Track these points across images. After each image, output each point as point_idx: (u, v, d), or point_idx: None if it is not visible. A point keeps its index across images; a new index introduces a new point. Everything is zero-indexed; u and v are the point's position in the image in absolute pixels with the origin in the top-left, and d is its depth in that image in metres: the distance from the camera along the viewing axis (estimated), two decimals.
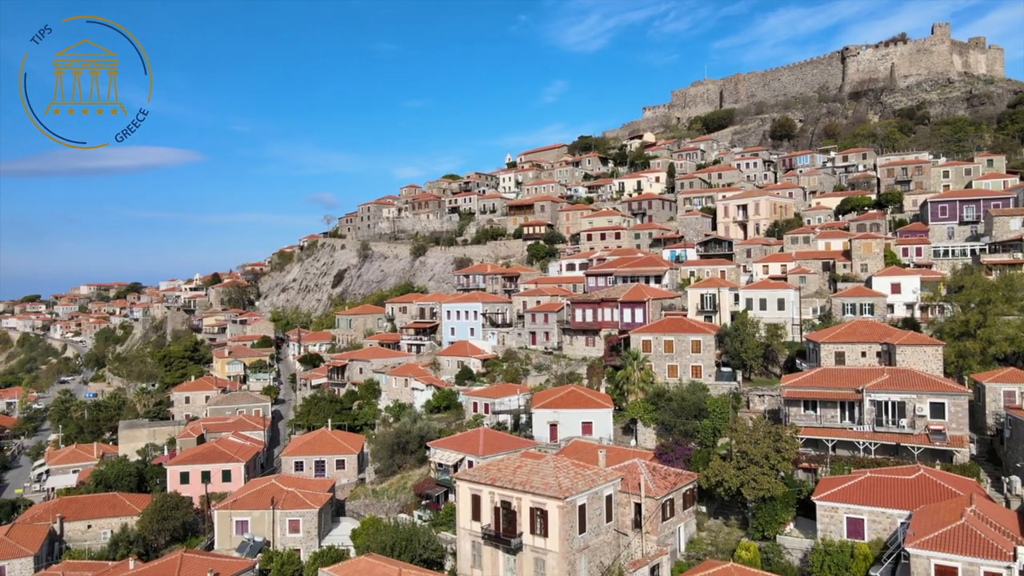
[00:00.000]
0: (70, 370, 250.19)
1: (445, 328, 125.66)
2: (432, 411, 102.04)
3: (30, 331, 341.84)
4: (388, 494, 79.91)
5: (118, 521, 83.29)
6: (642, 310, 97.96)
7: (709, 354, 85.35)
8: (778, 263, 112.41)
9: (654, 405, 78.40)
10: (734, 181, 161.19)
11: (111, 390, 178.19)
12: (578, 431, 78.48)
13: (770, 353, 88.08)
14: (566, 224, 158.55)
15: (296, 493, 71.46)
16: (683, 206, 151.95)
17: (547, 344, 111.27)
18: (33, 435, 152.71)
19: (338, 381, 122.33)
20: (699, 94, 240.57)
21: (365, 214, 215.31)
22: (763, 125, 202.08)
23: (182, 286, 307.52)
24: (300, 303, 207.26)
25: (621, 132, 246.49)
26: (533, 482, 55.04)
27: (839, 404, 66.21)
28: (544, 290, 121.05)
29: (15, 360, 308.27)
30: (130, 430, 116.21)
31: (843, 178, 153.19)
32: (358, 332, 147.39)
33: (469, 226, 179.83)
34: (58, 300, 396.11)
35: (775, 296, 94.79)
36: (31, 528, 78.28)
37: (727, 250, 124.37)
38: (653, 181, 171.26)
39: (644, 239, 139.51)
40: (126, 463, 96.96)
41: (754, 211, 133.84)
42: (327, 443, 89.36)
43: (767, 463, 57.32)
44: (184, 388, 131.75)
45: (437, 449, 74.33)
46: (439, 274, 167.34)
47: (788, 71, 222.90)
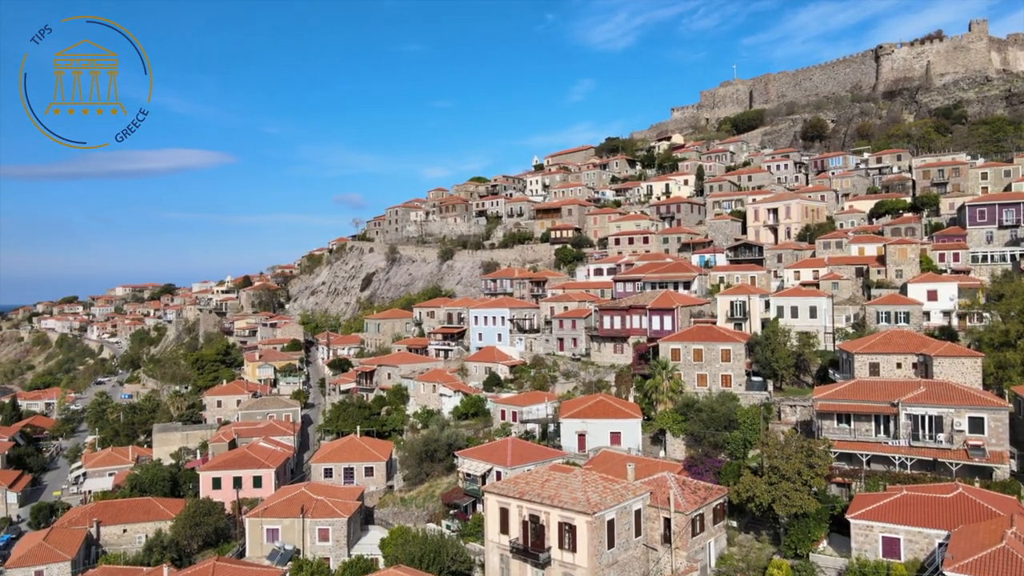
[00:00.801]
0: (106, 371, 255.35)
1: (473, 333, 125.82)
2: (460, 417, 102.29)
3: (68, 332, 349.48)
4: (416, 502, 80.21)
5: (152, 526, 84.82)
6: (671, 317, 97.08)
7: (739, 363, 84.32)
8: (810, 269, 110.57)
9: (683, 416, 77.62)
10: (764, 184, 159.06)
11: (146, 392, 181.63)
12: (606, 441, 78.03)
13: (802, 362, 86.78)
14: (594, 228, 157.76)
15: (326, 502, 72.05)
16: (712, 209, 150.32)
17: (575, 350, 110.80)
18: (71, 436, 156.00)
19: (366, 386, 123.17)
20: (728, 94, 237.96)
21: (393, 217, 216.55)
22: (794, 126, 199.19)
23: (214, 288, 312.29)
24: (329, 306, 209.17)
25: (649, 133, 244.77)
26: (561, 496, 54.80)
27: (873, 417, 64.96)
28: (572, 295, 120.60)
29: (53, 360, 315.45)
30: (164, 433, 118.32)
31: (877, 180, 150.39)
32: (386, 336, 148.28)
33: (496, 229, 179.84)
34: (95, 301, 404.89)
35: (807, 304, 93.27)
36: (69, 532, 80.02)
37: (757, 255, 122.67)
38: (682, 184, 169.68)
39: (672, 243, 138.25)
40: (160, 467, 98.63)
41: (785, 215, 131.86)
42: (356, 450, 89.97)
43: (799, 479, 56.41)
44: (216, 392, 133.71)
45: (465, 459, 74.41)
46: (466, 278, 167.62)
47: (820, 70, 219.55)
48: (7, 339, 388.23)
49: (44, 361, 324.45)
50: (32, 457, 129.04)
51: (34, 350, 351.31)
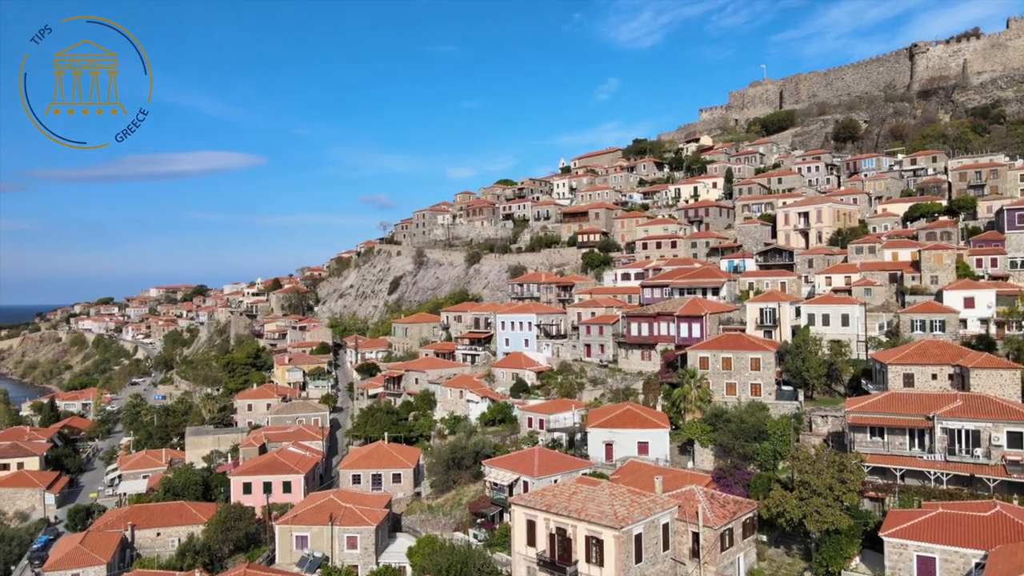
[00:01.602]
0: (140, 372, 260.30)
1: (500, 338, 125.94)
2: (487, 424, 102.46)
3: (104, 333, 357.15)
4: (443, 510, 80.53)
5: (185, 530, 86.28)
6: (699, 325, 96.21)
7: (769, 372, 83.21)
8: (842, 274, 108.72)
9: (712, 426, 76.84)
10: (795, 186, 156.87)
11: (179, 393, 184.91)
12: (634, 451, 77.60)
13: (833, 371, 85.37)
14: (621, 232, 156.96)
15: (354, 509, 72.65)
16: (741, 213, 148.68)
17: (602, 357, 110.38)
18: (106, 437, 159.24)
19: (394, 391, 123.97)
20: (758, 95, 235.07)
21: (420, 221, 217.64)
22: (825, 127, 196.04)
23: (244, 290, 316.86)
24: (357, 309, 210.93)
25: (677, 135, 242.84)
26: (588, 510, 54.59)
27: (908, 431, 63.69)
28: (599, 301, 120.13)
29: (90, 361, 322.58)
30: (196, 436, 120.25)
31: (911, 183, 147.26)
32: (414, 340, 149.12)
33: (523, 233, 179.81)
34: (129, 302, 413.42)
35: (839, 311, 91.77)
36: (104, 536, 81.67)
37: (787, 260, 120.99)
38: (710, 187, 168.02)
39: (701, 248, 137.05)
40: (192, 471, 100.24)
41: (816, 218, 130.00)
42: (384, 457, 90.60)
43: (831, 494, 55.51)
44: (247, 396, 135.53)
45: (492, 468, 74.50)
46: (493, 282, 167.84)
47: (852, 69, 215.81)
48: (46, 339, 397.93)
49: (81, 361, 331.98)
50: (69, 458, 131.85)
51: (72, 350, 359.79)
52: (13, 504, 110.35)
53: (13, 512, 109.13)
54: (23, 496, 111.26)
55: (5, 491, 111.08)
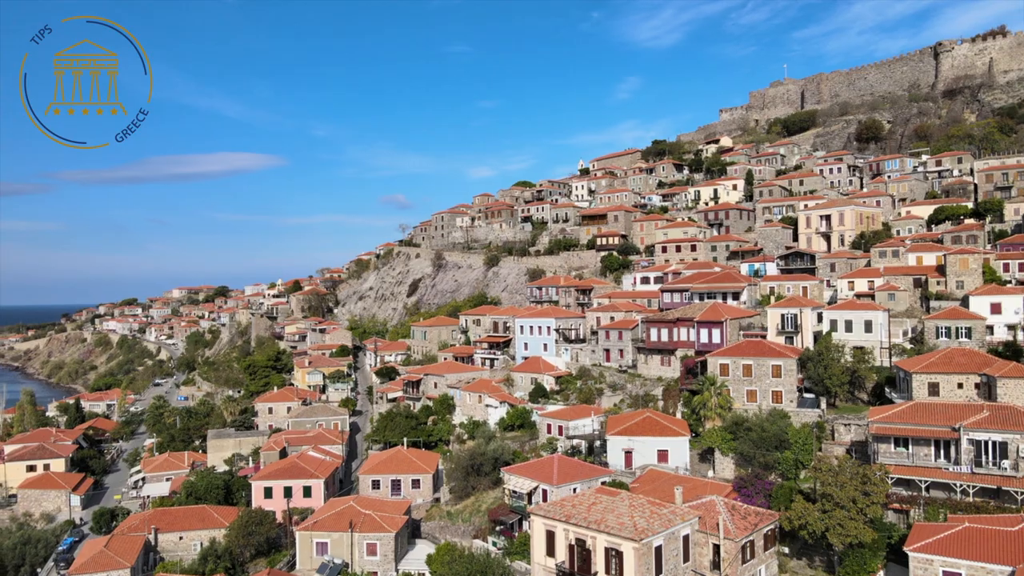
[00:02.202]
0: (163, 372, 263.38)
1: (518, 343, 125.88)
2: (506, 429, 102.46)
3: (128, 333, 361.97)
4: (462, 517, 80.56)
5: (207, 534, 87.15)
6: (719, 330, 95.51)
7: (790, 379, 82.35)
8: (865, 279, 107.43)
9: (732, 434, 76.21)
10: (816, 188, 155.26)
11: (201, 395, 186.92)
12: (654, 459, 77.14)
13: (856, 379, 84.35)
14: (640, 235, 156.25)
15: (373, 516, 72.95)
16: (762, 216, 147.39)
17: (621, 362, 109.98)
18: (130, 438, 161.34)
19: (413, 395, 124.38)
20: (779, 95, 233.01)
21: (439, 223, 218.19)
22: (848, 127, 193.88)
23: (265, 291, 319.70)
24: (376, 311, 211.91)
25: (697, 136, 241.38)
26: (608, 521, 54.31)
27: (933, 442, 62.73)
28: (618, 305, 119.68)
29: (114, 361, 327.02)
30: (218, 439, 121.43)
31: (936, 184, 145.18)
32: (432, 344, 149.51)
33: (542, 236, 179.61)
34: (152, 303, 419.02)
35: (862, 318, 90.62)
36: (128, 539, 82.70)
37: (809, 264, 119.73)
38: (730, 189, 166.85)
39: (721, 251, 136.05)
40: (214, 475, 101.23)
41: (838, 221, 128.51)
42: (403, 462, 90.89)
43: (854, 507, 54.83)
44: (267, 399, 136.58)
45: (511, 476, 74.43)
46: (512, 285, 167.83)
47: (875, 69, 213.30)
48: (71, 340, 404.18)
49: (106, 362, 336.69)
50: (95, 460, 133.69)
51: (96, 351, 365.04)
52: (39, 505, 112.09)
53: (39, 513, 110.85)
54: (49, 498, 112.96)
55: (32, 492, 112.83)
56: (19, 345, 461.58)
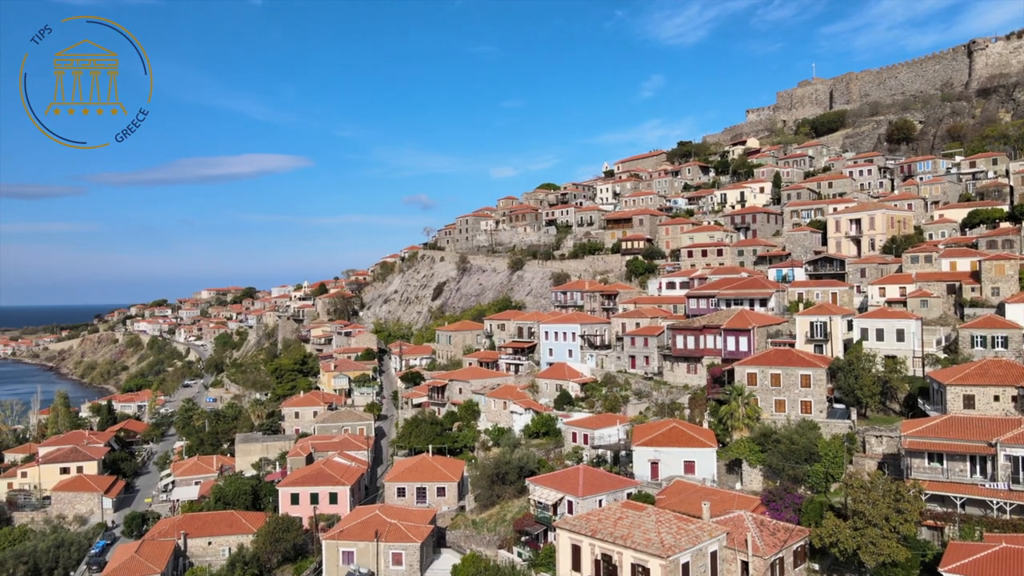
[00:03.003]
0: (192, 374, 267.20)
1: (543, 348, 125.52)
2: (531, 436, 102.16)
3: (158, 334, 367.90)
4: (488, 526, 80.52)
5: (235, 539, 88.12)
6: (746, 338, 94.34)
7: (820, 389, 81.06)
8: (896, 285, 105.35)
9: (760, 446, 75.20)
10: (846, 191, 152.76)
11: (229, 397, 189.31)
12: (680, 470, 76.43)
13: (888, 389, 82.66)
14: (665, 239, 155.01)
15: (399, 526, 73.18)
16: (790, 219, 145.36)
17: (647, 368, 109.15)
18: (160, 440, 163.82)
19: (438, 400, 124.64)
20: (807, 95, 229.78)
21: (463, 226, 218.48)
22: (878, 128, 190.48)
23: (291, 293, 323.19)
24: (401, 315, 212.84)
25: (723, 137, 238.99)
26: (635, 536, 53.88)
27: (968, 457, 61.29)
28: (644, 311, 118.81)
29: (145, 362, 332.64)
30: (245, 444, 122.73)
31: (970, 187, 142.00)
32: (457, 348, 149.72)
33: (566, 239, 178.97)
34: (182, 304, 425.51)
35: (893, 326, 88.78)
36: (158, 545, 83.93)
37: (838, 269, 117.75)
38: (757, 192, 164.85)
39: (748, 256, 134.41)
40: (242, 480, 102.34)
41: (868, 225, 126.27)
42: (428, 470, 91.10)
43: (887, 525, 53.72)
44: (293, 403, 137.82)
45: (537, 486, 74.21)
46: (536, 289, 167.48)
47: (906, 67, 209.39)
48: (104, 341, 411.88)
49: (137, 362, 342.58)
50: (126, 462, 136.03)
51: (128, 351, 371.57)
52: (73, 508, 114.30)
53: (73, 516, 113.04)
54: (82, 500, 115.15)
55: (65, 495, 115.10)
56: (53, 345, 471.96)
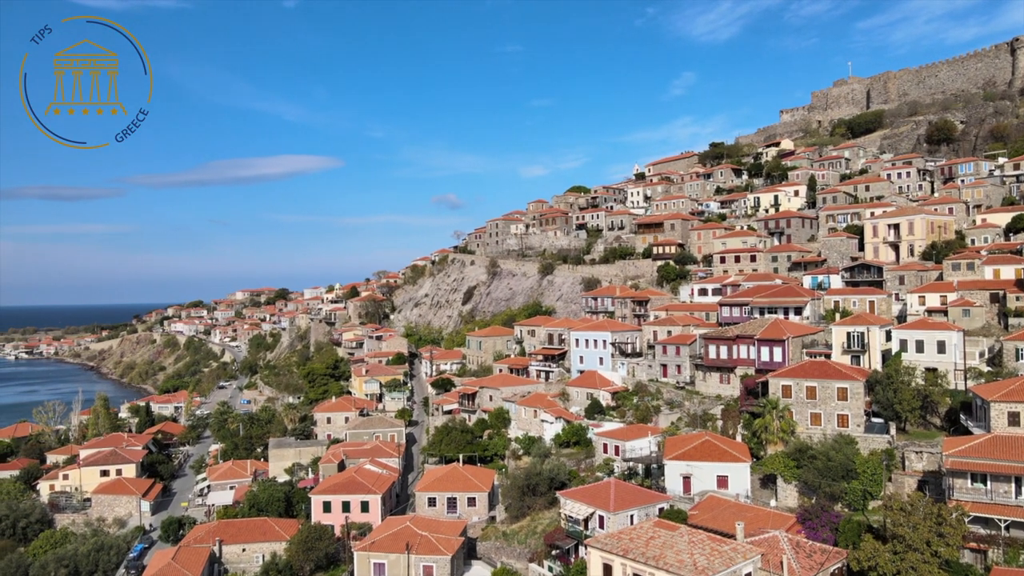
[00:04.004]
0: (227, 375, 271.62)
1: (574, 356, 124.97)
2: (561, 445, 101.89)
3: (194, 335, 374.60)
4: (518, 538, 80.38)
5: (269, 546, 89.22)
6: (781, 349, 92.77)
7: (857, 402, 79.28)
8: (936, 293, 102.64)
9: (795, 461, 73.84)
10: (884, 194, 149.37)
11: (263, 399, 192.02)
12: (713, 485, 75.42)
13: (928, 403, 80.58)
14: (697, 243, 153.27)
15: (429, 538, 73.36)
16: (825, 224, 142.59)
17: (679, 377, 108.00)
18: (196, 443, 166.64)
19: (468, 408, 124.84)
20: (843, 94, 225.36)
21: (493, 230, 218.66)
22: (917, 128, 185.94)
23: (323, 295, 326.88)
24: (432, 319, 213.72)
25: (756, 138, 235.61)
26: (667, 557, 53.22)
27: (1014, 478, 59.40)
28: (675, 319, 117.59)
29: (181, 363, 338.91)
30: (279, 449, 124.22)
31: (1014, 189, 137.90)
32: (487, 354, 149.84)
33: (597, 243, 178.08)
34: (217, 305, 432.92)
35: (934, 338, 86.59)
36: (194, 551, 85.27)
37: (876, 276, 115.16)
38: (791, 195, 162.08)
39: (782, 262, 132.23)
40: (275, 487, 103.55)
41: (908, 230, 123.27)
42: (459, 480, 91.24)
43: (928, 549, 52.34)
44: (325, 408, 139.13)
45: (568, 500, 73.83)
46: (567, 294, 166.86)
47: (947, 66, 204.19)
48: (142, 341, 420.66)
49: (174, 363, 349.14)
50: (163, 465, 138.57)
51: (165, 352, 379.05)
52: (112, 510, 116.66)
53: (112, 518, 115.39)
54: (121, 503, 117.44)
55: (105, 498, 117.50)
56: (94, 345, 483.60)
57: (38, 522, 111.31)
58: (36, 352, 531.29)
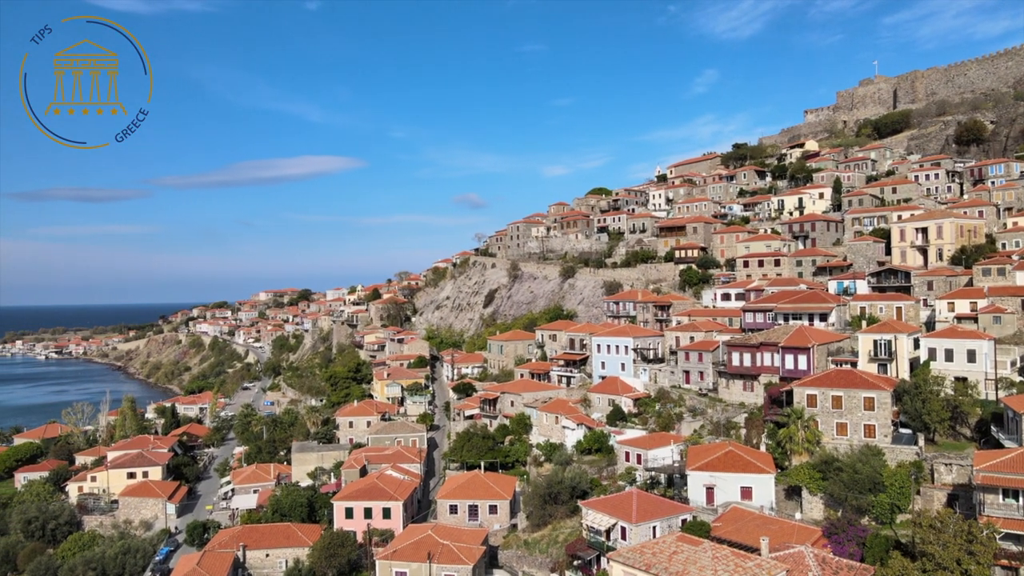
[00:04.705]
0: (251, 376, 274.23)
1: (595, 361, 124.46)
2: (583, 452, 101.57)
3: (219, 336, 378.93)
4: (540, 547, 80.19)
5: (292, 552, 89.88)
6: (806, 356, 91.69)
7: (884, 412, 78.04)
8: (966, 300, 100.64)
9: (821, 473, 72.83)
10: (912, 197, 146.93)
11: (286, 401, 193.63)
12: (736, 496, 74.65)
13: (958, 413, 79.06)
14: (720, 247, 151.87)
15: (451, 547, 73.42)
16: (851, 228, 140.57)
17: (701, 384, 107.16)
18: (221, 444, 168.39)
19: (490, 413, 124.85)
20: (869, 94, 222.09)
21: (514, 233, 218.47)
22: (946, 129, 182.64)
23: (346, 297, 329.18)
24: (453, 321, 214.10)
25: (780, 138, 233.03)
26: (690, 573, 52.69)
27: None
28: (698, 324, 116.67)
29: (206, 363, 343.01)
30: (302, 453, 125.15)
31: None
32: (509, 358, 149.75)
33: (618, 247, 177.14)
34: (241, 306, 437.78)
35: (964, 347, 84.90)
36: (219, 556, 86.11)
37: (904, 282, 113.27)
38: (816, 198, 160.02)
39: (807, 267, 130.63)
40: (298, 492, 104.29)
41: (936, 234, 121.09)
42: (480, 487, 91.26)
43: (958, 568, 51.30)
44: (348, 412, 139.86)
45: (590, 511, 73.49)
46: (588, 298, 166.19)
47: (976, 64, 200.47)
48: (168, 341, 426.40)
49: (199, 363, 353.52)
50: (188, 467, 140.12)
51: (190, 352, 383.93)
52: (139, 513, 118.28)
53: (138, 521, 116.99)
54: (147, 505, 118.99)
55: (132, 500, 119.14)
56: (121, 345, 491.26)
57: (67, 524, 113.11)
58: (65, 352, 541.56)
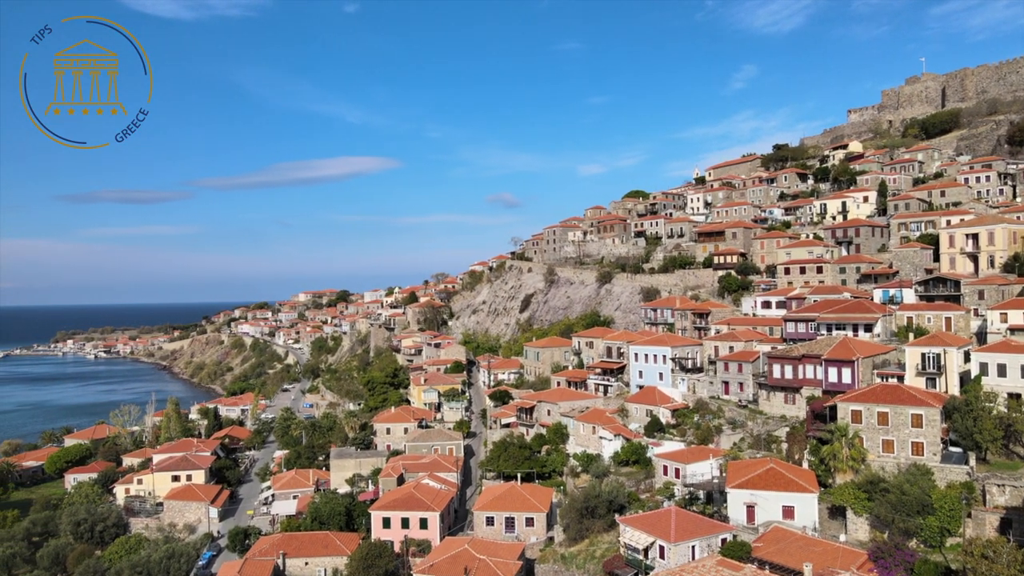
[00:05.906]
0: (291, 378, 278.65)
1: (633, 370, 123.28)
2: (620, 464, 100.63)
3: (259, 337, 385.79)
4: (576, 562, 79.59)
5: (330, 561, 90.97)
6: (850, 370, 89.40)
7: (933, 430, 75.63)
8: (1019, 310, 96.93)
9: (866, 493, 70.88)
10: (961, 200, 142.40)
11: (324, 404, 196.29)
12: (778, 515, 73.06)
13: (1012, 432, 76.31)
14: (760, 253, 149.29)
15: (488, 562, 73.36)
16: (897, 233, 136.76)
17: (741, 395, 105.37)
18: (262, 447, 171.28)
19: (526, 421, 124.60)
20: (915, 92, 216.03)
21: (550, 237, 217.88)
22: (998, 128, 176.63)
23: (383, 299, 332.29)
24: (489, 326, 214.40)
25: (822, 139, 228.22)
26: None
27: None
28: (738, 334, 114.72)
29: (248, 364, 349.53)
30: (340, 459, 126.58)
31: None
32: (545, 365, 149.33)
33: (656, 252, 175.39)
34: (281, 307, 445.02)
35: (1018, 362, 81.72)
36: (260, 564, 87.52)
37: (953, 290, 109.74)
38: (860, 201, 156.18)
39: (850, 274, 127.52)
40: (336, 500, 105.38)
41: (987, 240, 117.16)
42: (517, 499, 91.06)
43: None
44: (385, 419, 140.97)
45: (627, 528, 72.70)
46: (625, 304, 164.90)
47: None
48: (211, 342, 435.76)
49: (240, 364, 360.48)
50: (230, 471, 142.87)
51: (232, 352, 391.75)
52: (183, 516, 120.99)
53: (182, 524, 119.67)
54: (191, 509, 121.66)
55: (176, 503, 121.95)
56: (167, 345, 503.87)
57: (114, 526, 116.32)
58: (113, 351, 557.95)
